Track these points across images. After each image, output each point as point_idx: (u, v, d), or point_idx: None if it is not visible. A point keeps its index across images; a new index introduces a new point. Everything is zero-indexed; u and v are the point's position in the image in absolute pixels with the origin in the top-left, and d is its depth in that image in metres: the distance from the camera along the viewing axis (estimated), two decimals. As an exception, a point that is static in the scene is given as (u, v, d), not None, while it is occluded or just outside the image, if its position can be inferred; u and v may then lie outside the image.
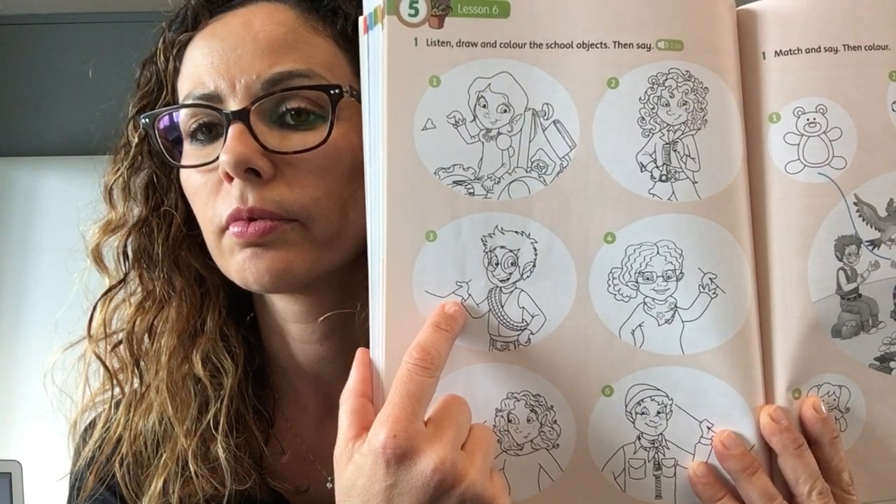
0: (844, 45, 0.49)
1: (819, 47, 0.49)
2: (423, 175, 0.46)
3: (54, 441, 0.68)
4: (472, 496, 0.42)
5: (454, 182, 0.47)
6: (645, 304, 0.47)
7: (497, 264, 0.47)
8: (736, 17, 0.50)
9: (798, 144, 0.48)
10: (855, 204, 0.48)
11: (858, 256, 0.48)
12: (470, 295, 0.47)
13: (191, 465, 0.58)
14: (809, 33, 0.49)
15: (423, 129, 0.47)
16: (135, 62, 0.63)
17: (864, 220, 0.48)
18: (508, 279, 0.47)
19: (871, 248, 0.48)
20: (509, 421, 0.47)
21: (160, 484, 0.59)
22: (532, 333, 0.47)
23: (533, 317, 0.47)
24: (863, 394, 0.48)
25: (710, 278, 0.47)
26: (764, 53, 0.49)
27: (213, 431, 0.59)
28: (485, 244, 0.47)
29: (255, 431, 0.62)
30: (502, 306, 0.47)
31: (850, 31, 0.49)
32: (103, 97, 0.66)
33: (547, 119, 0.47)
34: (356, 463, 0.43)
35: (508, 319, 0.47)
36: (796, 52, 0.49)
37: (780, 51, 0.49)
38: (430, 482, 0.41)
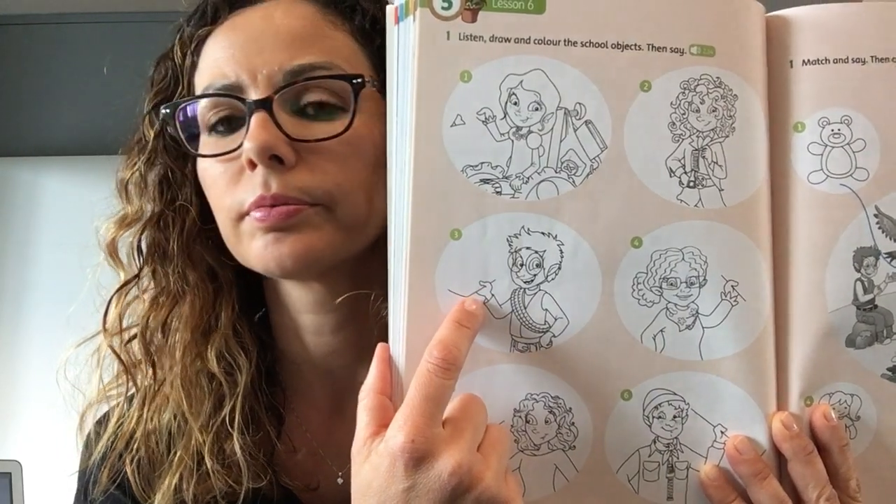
0: (872, 57, 0.49)
1: (847, 58, 0.49)
2: (450, 172, 0.46)
3: (54, 441, 0.66)
4: (487, 499, 0.42)
5: (481, 180, 0.46)
6: (667, 309, 0.47)
7: (522, 265, 0.46)
8: (765, 24, 0.49)
9: (822, 155, 0.49)
10: (875, 216, 0.49)
11: (876, 268, 0.48)
12: (493, 295, 0.46)
13: (207, 462, 0.58)
14: (837, 44, 0.49)
15: (452, 125, 0.46)
16: (138, 63, 0.62)
17: (883, 233, 0.49)
18: (533, 281, 0.46)
19: (889, 260, 0.49)
20: (527, 421, 0.47)
21: (174, 481, 0.58)
22: (554, 336, 0.47)
23: (556, 319, 0.47)
24: (874, 403, 0.49)
25: (732, 286, 0.47)
26: (791, 62, 0.49)
27: (229, 428, 0.59)
28: (510, 244, 0.46)
29: (269, 428, 0.61)
30: (525, 308, 0.46)
31: (878, 43, 0.49)
32: (104, 97, 0.65)
33: (579, 119, 0.46)
34: (373, 463, 0.43)
35: (531, 321, 0.46)
36: (824, 61, 0.49)
37: (808, 60, 0.49)
38: (447, 486, 0.41)
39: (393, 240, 0.47)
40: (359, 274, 0.59)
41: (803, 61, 0.49)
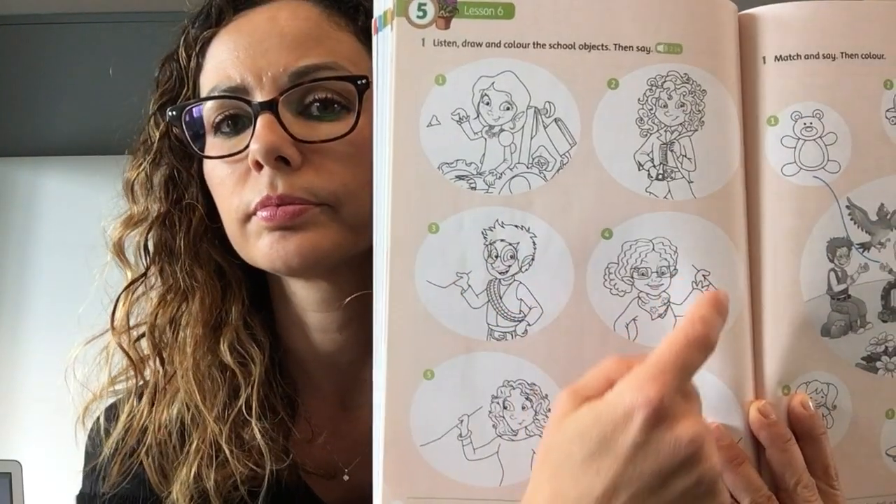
0: (842, 53, 0.50)
1: (818, 54, 0.50)
2: (427, 169, 0.48)
3: (54, 441, 0.68)
4: (709, 480, 0.41)
5: (457, 177, 0.48)
6: (639, 298, 0.49)
7: (497, 257, 0.48)
8: (737, 22, 0.51)
9: (795, 148, 0.50)
10: (847, 207, 0.49)
11: (849, 258, 0.49)
12: (470, 286, 0.48)
13: (224, 448, 0.59)
14: (808, 40, 0.50)
15: (428, 126, 0.48)
16: (138, 63, 0.65)
17: (855, 224, 0.49)
18: (507, 272, 0.48)
19: (861, 250, 0.49)
20: (505, 407, 0.49)
21: (193, 470, 0.59)
22: (529, 325, 0.48)
23: (531, 309, 0.48)
24: (849, 392, 0.50)
25: (703, 275, 0.48)
26: (764, 58, 0.51)
27: (247, 415, 0.60)
28: (485, 237, 0.48)
29: (285, 416, 0.63)
30: (501, 298, 0.49)
31: (847, 40, 0.50)
32: (104, 97, 0.67)
33: (549, 117, 0.49)
34: (596, 411, 0.42)
35: (507, 310, 0.49)
36: (795, 57, 0.50)
37: (780, 56, 0.50)
38: (681, 451, 0.40)
39: (375, 235, 0.50)
40: (364, 272, 0.60)
41: (775, 57, 0.51)
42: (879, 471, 0.50)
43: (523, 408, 0.49)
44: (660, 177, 0.49)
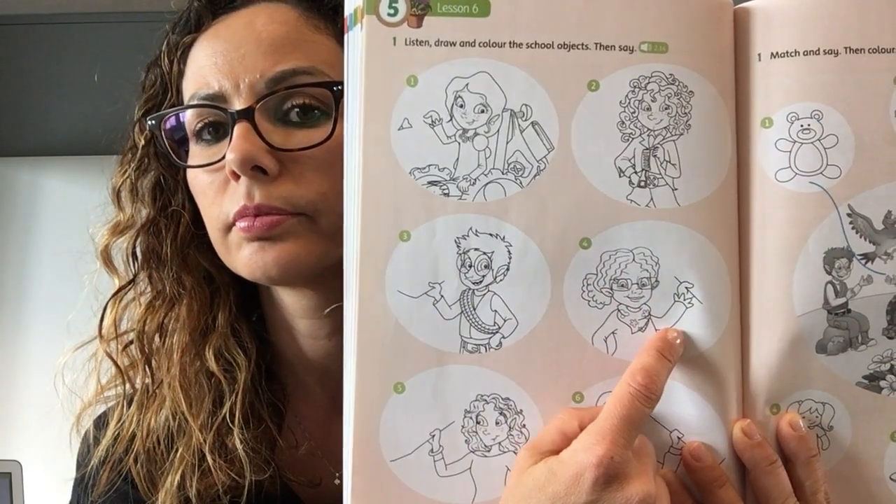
0: (846, 48, 0.46)
1: (818, 50, 0.47)
2: (398, 175, 0.47)
3: (54, 441, 0.68)
4: None
5: (429, 182, 0.47)
6: (619, 311, 0.46)
7: (470, 266, 0.47)
8: (732, 17, 0.48)
9: (790, 151, 0.47)
10: (848, 215, 0.46)
11: (849, 270, 0.46)
12: (442, 296, 0.47)
13: (208, 458, 0.59)
14: (808, 35, 0.47)
15: (399, 129, 0.46)
16: (137, 62, 0.63)
17: (857, 233, 0.46)
18: (481, 282, 0.47)
19: (863, 261, 0.46)
20: (478, 422, 0.47)
21: (177, 478, 0.59)
22: (504, 337, 0.47)
23: (505, 321, 0.47)
24: (848, 412, 0.47)
25: (686, 287, 0.46)
26: (759, 55, 0.47)
27: (230, 424, 0.60)
28: (458, 246, 0.47)
29: (270, 424, 0.62)
30: (474, 309, 0.47)
31: (852, 34, 0.46)
32: (104, 97, 0.66)
33: (525, 120, 0.46)
34: (550, 469, 0.43)
35: (480, 322, 0.47)
36: (793, 54, 0.47)
37: (777, 53, 0.47)
38: None
39: (346, 242, 0.48)
40: None
41: (772, 54, 0.47)
42: (882, 496, 0.47)
43: (497, 423, 0.47)
44: (642, 184, 0.46)
